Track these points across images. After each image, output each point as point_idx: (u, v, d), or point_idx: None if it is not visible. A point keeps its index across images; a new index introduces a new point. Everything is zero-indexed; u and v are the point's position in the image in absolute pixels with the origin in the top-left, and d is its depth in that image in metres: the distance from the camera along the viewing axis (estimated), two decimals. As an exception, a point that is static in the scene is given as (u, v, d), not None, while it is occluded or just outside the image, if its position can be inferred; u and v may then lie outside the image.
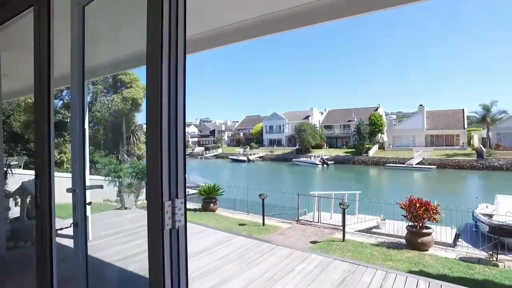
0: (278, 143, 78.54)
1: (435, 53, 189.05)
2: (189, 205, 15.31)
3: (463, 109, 59.51)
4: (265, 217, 11.45)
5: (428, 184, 35.16)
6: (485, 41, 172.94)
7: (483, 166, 42.92)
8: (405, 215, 8.49)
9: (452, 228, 11.88)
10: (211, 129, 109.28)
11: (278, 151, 70.25)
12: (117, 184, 14.63)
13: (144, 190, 17.53)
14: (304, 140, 62.03)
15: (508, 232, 8.06)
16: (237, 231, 10.11)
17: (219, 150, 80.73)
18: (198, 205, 14.69)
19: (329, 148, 65.31)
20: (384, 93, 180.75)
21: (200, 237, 7.50)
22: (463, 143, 54.00)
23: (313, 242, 8.83)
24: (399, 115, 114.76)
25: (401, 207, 8.49)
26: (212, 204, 13.80)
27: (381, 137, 60.93)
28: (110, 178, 15.88)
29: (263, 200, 10.84)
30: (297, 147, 65.63)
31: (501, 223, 9.19)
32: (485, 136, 51.39)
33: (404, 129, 59.10)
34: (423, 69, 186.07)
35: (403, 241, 8.82)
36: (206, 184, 14.53)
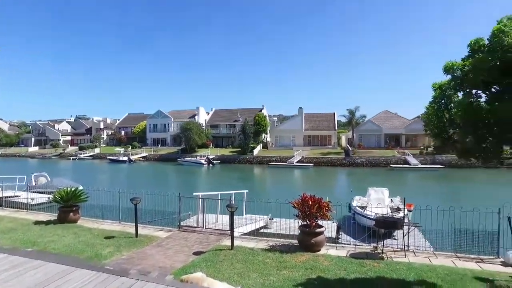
0: (163, 142, 74.58)
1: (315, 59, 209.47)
2: (41, 217, 11.97)
3: (334, 113, 66.89)
4: (140, 225, 9.49)
5: (308, 180, 37.74)
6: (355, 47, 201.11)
7: (350, 163, 48.63)
8: (297, 214, 7.78)
9: (333, 222, 12.06)
10: (88, 126, 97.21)
11: (163, 150, 66.48)
12: None
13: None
14: (190, 139, 60.03)
15: (392, 224, 8.13)
16: (100, 247, 7.92)
17: (96, 150, 71.96)
18: (55, 215, 11.55)
19: (215, 147, 65.00)
20: (268, 95, 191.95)
21: (3, 282, 4.83)
22: (334, 143, 60.52)
23: (197, 253, 7.37)
24: (280, 117, 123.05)
25: (294, 206, 7.75)
26: (72, 214, 10.98)
27: (264, 137, 63.56)
28: None
29: (135, 205, 8.86)
30: (183, 146, 63.20)
31: (387, 216, 9.46)
32: (350, 137, 58.65)
33: (286, 130, 63.01)
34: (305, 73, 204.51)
35: (295, 241, 8.14)
36: (64, 189, 11.54)
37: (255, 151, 55.80)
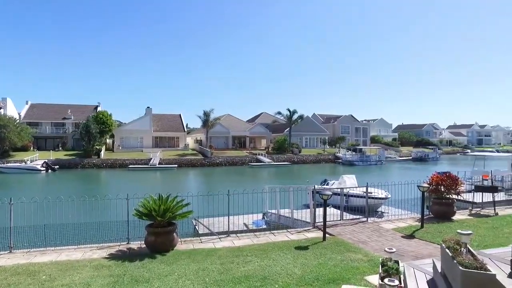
0: None
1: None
2: None
3: (180, 114, 66.35)
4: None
5: (191, 179, 36.77)
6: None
7: (210, 163, 49.62)
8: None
9: None
10: None
11: (-49, 155, 47.48)
12: None
13: None
14: (5, 140, 45.63)
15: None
16: None
17: None
18: None
19: (37, 150, 51.87)
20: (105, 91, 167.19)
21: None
22: (185, 144, 59.92)
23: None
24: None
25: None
26: None
27: (108, 138, 56.05)
28: None
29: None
30: (-11, 149, 47.31)
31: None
32: (203, 138, 59.68)
33: (133, 130, 57.67)
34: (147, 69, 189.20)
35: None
36: None
37: (101, 154, 48.39)
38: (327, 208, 9.36)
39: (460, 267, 2.99)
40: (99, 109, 61.84)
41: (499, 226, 9.28)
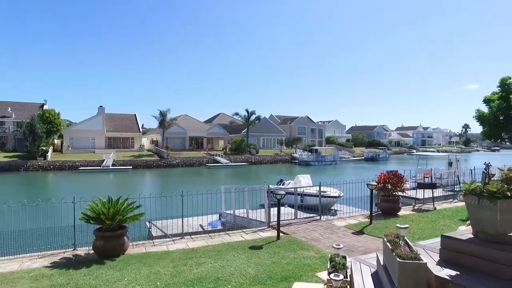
0: None
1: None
2: None
3: (135, 114, 63.98)
4: None
5: (146, 181, 35.63)
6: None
7: (166, 164, 48.40)
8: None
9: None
10: None
11: None
12: None
13: None
14: None
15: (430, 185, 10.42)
16: None
17: None
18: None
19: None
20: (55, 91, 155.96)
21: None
22: (140, 145, 57.87)
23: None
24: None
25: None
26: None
27: (56, 138, 52.53)
28: None
29: None
30: None
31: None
32: (160, 139, 58.02)
33: (84, 130, 54.62)
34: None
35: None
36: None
37: (49, 155, 45.20)
38: (282, 207, 9.52)
39: (398, 259, 3.20)
40: (45, 107, 57.68)
41: (436, 219, 10.07)
